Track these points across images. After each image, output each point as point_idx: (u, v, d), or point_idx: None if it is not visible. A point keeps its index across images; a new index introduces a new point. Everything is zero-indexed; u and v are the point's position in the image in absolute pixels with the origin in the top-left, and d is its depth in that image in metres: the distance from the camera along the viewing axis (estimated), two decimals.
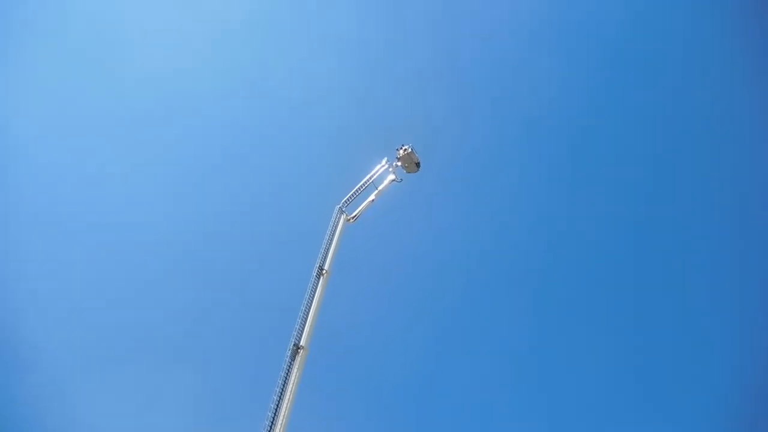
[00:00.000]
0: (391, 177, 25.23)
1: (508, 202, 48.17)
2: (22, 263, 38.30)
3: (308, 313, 19.81)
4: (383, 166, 25.37)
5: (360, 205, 24.49)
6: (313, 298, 20.37)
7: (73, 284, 40.04)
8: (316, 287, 20.75)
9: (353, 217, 24.20)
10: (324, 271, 21.34)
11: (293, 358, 18.36)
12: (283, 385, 17.50)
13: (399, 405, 41.83)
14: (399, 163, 25.47)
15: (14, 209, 39.15)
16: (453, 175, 46.44)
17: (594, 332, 43.31)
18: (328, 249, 22.18)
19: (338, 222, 23.35)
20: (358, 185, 24.69)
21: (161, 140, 45.08)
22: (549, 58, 48.09)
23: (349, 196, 24.38)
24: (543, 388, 41.99)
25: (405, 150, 25.46)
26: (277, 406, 16.91)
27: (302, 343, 18.82)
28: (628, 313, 43.71)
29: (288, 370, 17.92)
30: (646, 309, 43.34)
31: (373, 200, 24.70)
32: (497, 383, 42.11)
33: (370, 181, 24.92)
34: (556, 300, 45.30)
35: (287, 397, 17.29)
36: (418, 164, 25.80)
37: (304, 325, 19.38)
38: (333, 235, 22.80)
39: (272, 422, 16.57)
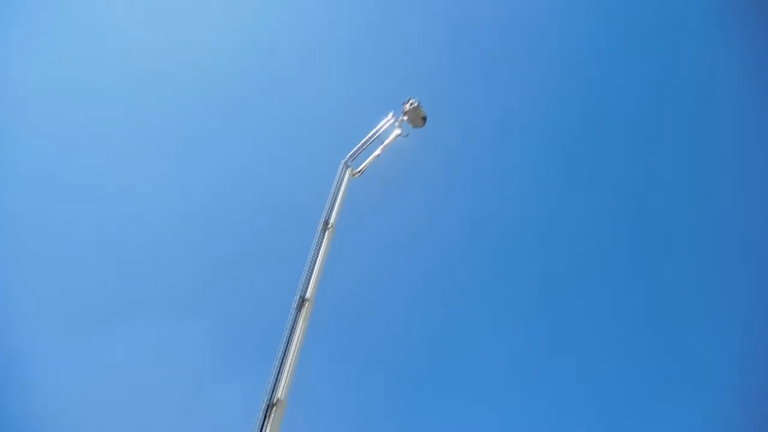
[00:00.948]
0: (397, 132, 24.83)
1: (517, 160, 47.78)
2: (28, 216, 38.65)
3: (314, 267, 19.88)
4: (389, 120, 24.95)
5: (366, 159, 24.30)
6: (318, 252, 20.41)
7: (81, 236, 40.45)
8: (322, 241, 20.77)
9: (359, 172, 24.01)
10: (329, 226, 21.31)
11: (299, 310, 18.48)
12: (289, 337, 17.65)
13: (406, 364, 42.40)
14: (405, 118, 25.06)
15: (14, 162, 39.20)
16: (460, 131, 45.83)
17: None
18: (333, 203, 22.09)
19: (343, 176, 23.18)
20: (364, 139, 24.39)
21: (163, 92, 44.83)
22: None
23: (355, 150, 24.13)
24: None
25: (411, 104, 25.02)
26: (283, 355, 17.08)
27: (308, 295, 18.87)
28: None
29: (294, 322, 18.07)
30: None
31: (378, 155, 24.43)
32: (507, 336, 42.55)
33: (376, 135, 24.59)
34: (561, 259, 45.30)
35: (293, 349, 17.45)
36: (424, 119, 25.35)
37: (309, 279, 19.45)
38: (338, 189, 22.68)
39: (278, 373, 16.78)
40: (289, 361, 17.03)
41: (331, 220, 21.47)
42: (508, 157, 47.91)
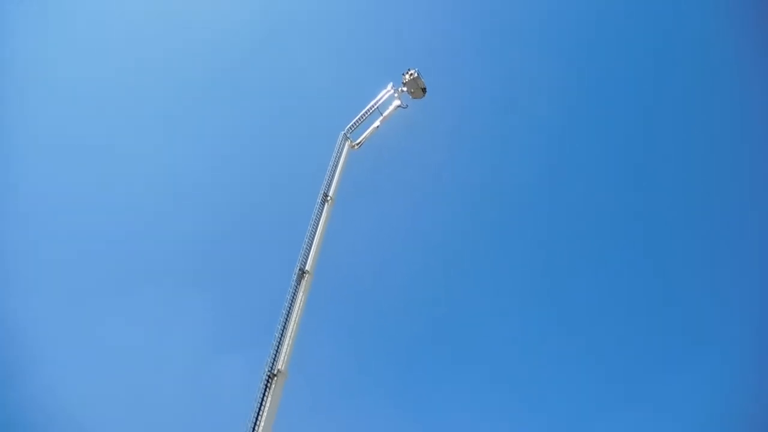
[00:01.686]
0: (397, 103, 24.45)
1: (515, 135, 47.48)
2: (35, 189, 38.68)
3: (313, 239, 19.91)
4: (389, 91, 24.57)
5: (365, 131, 24.09)
6: (318, 224, 20.41)
7: (84, 212, 40.57)
8: (321, 213, 20.75)
9: (358, 144, 23.82)
10: (329, 198, 21.26)
11: (299, 282, 18.58)
12: (289, 308, 17.79)
13: (405, 341, 42.81)
14: (405, 89, 24.69)
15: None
16: (460, 104, 45.42)
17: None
18: (332, 175, 22.00)
19: (342, 148, 23.02)
20: (363, 111, 24.11)
21: (162, 71, 44.44)
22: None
23: (354, 122, 23.90)
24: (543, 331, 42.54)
25: (411, 74, 24.59)
26: (284, 327, 17.23)
27: (307, 267, 18.96)
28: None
29: (294, 294, 18.18)
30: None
31: (378, 126, 24.18)
32: (506, 309, 42.85)
33: (375, 107, 24.31)
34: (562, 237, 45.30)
35: (293, 319, 17.61)
36: (424, 90, 24.95)
37: (309, 251, 19.52)
38: (337, 161, 22.55)
39: (278, 345, 16.94)
40: (290, 332, 17.20)
41: (331, 193, 21.42)
42: (513, 126, 47.50)
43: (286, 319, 17.50)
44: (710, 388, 37.18)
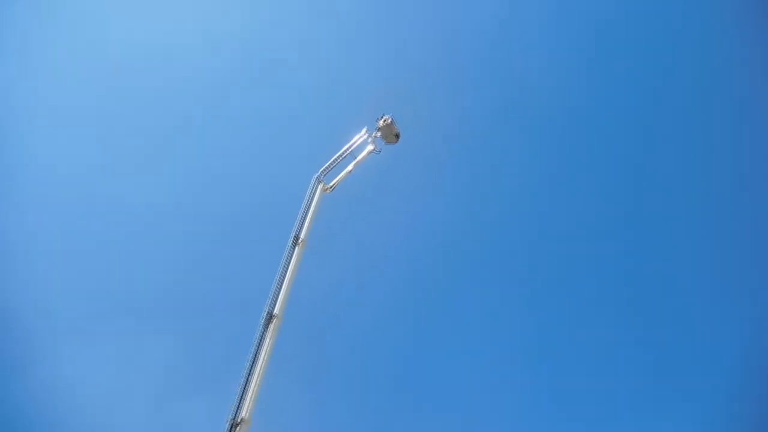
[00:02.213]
0: (370, 147, 24.77)
1: (488, 180, 48.12)
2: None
3: (283, 282, 19.66)
4: (362, 136, 24.92)
5: (338, 174, 24.21)
6: (288, 267, 20.20)
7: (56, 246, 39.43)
8: (292, 256, 20.57)
9: (331, 187, 23.90)
10: (300, 241, 21.13)
11: (266, 326, 18.24)
12: (256, 353, 17.38)
13: (376, 384, 42.07)
14: (378, 134, 25.08)
15: None
16: (432, 149, 46.06)
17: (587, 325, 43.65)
18: (304, 218, 21.93)
19: (315, 191, 23.05)
20: (337, 154, 24.30)
21: (138, 102, 44.17)
22: (539, 36, 47.72)
23: (328, 165, 24.02)
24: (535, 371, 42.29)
25: (385, 120, 25.04)
26: (249, 373, 16.79)
27: (276, 311, 18.67)
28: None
29: (261, 338, 17.81)
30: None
31: (351, 170, 24.36)
32: (480, 360, 42.44)
33: (349, 151, 24.54)
34: (545, 291, 45.51)
35: (259, 365, 17.19)
36: (397, 135, 25.37)
37: (278, 294, 19.24)
38: (310, 204, 22.53)
39: (243, 391, 16.47)
40: (255, 378, 16.77)
41: (302, 235, 21.31)
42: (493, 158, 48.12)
43: (252, 365, 17.09)
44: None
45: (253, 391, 16.45)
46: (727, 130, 44.33)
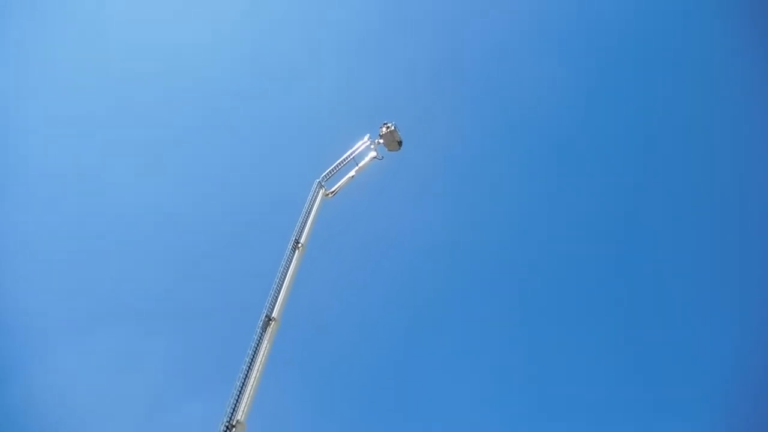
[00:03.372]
0: (373, 154, 24.92)
1: (487, 188, 48.16)
2: None
3: (282, 286, 19.66)
4: (365, 142, 25.02)
5: (340, 180, 24.26)
6: (287, 271, 20.21)
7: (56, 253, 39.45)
8: (291, 260, 20.59)
9: (332, 192, 23.94)
10: (300, 245, 21.15)
11: (264, 329, 18.23)
12: (253, 356, 17.35)
13: (373, 386, 42.01)
14: (381, 141, 25.18)
15: None
16: (434, 157, 46.17)
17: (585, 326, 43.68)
18: (305, 223, 21.96)
19: (316, 196, 23.08)
20: (339, 160, 24.37)
21: (142, 108, 44.38)
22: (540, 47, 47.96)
23: (330, 171, 24.07)
24: (532, 379, 42.20)
25: (388, 128, 25.14)
26: (246, 376, 16.75)
27: (274, 314, 18.66)
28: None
29: (258, 341, 17.79)
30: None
31: (353, 176, 24.41)
32: (474, 365, 42.37)
33: (351, 157, 24.60)
34: (543, 296, 45.49)
35: (256, 367, 17.15)
36: (400, 143, 25.49)
37: (277, 297, 19.23)
38: (310, 209, 22.57)
39: (239, 394, 16.43)
40: (252, 381, 16.73)
41: (302, 240, 21.33)
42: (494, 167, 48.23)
43: (249, 368, 17.06)
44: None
45: (249, 394, 16.40)
46: (726, 130, 44.60)
